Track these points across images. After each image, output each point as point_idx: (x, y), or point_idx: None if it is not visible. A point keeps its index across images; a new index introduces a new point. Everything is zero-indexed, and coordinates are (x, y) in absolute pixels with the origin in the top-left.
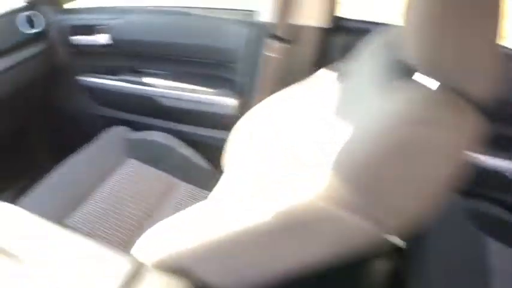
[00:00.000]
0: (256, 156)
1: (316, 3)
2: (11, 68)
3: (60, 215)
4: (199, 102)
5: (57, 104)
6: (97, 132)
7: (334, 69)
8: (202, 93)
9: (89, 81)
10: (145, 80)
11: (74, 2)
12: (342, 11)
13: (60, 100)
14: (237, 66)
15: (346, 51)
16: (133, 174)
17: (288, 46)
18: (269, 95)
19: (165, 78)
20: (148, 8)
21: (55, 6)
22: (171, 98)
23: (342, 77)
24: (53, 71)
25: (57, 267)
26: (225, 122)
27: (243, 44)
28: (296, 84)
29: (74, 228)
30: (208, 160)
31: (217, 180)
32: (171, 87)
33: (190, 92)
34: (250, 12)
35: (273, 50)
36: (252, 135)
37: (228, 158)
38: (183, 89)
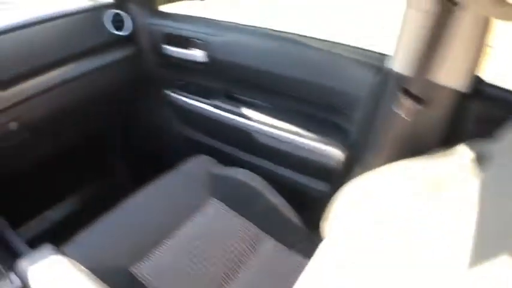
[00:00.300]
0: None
1: (461, 59)
2: (94, 71)
3: (126, 261)
4: (300, 147)
5: (138, 115)
6: (177, 152)
7: (472, 146)
8: (305, 138)
9: (177, 98)
10: (240, 109)
11: (169, 5)
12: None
13: (142, 112)
14: (352, 115)
15: (483, 123)
16: (215, 218)
17: (420, 107)
18: (386, 159)
19: (263, 111)
20: (254, 28)
21: (148, 7)
22: (268, 136)
23: (483, 158)
24: (138, 80)
25: None
26: (325, 173)
27: (365, 91)
28: (423, 156)
29: (142, 279)
30: (299, 211)
31: (308, 241)
32: (269, 123)
33: (292, 134)
34: (380, 55)
35: (401, 107)
36: (369, 211)
37: (333, 224)
38: (283, 129)
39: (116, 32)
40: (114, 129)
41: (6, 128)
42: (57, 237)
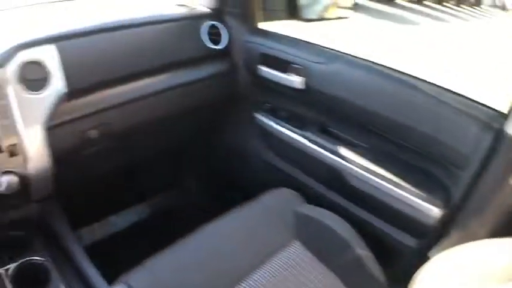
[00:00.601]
0: None
1: None
2: (184, 84)
3: None
4: (394, 196)
5: (222, 133)
6: (256, 179)
7: None
8: (401, 188)
9: (266, 122)
10: (334, 145)
11: (268, 23)
12: None
13: (226, 131)
14: (455, 171)
15: None
16: (295, 262)
17: None
18: (490, 231)
19: (358, 151)
20: (358, 59)
21: (246, 23)
22: (360, 179)
23: None
24: (227, 98)
25: None
26: (417, 230)
27: (472, 148)
28: None
29: None
30: (382, 263)
31: None
32: (362, 166)
33: (387, 182)
34: (492, 111)
35: None
36: None
37: None
38: (377, 174)
39: (211, 46)
40: (195, 145)
41: (86, 135)
42: (116, 243)
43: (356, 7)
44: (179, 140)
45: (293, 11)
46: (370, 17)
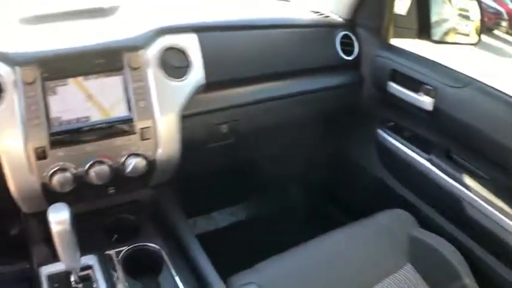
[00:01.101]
0: None
1: None
2: (314, 91)
3: None
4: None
5: (338, 144)
6: (368, 195)
7: None
8: None
9: (388, 140)
10: (457, 173)
11: (398, 39)
12: None
13: (343, 142)
14: None
15: None
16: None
17: None
18: None
19: (483, 182)
20: (498, 92)
21: (377, 37)
22: (480, 211)
23: None
24: (350, 110)
25: None
26: None
27: None
28: None
29: None
30: None
31: None
32: (485, 198)
33: (508, 218)
34: None
35: None
36: None
37: None
38: (500, 209)
39: (343, 56)
40: (308, 152)
41: (217, 129)
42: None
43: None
44: (293, 145)
45: (423, 31)
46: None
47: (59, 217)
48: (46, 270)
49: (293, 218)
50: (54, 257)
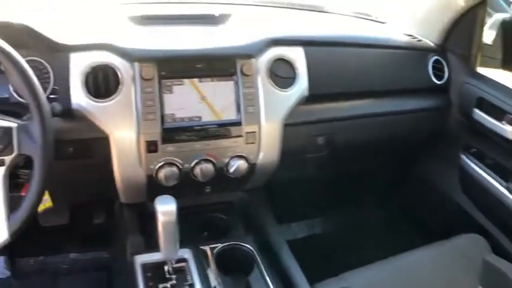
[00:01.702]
0: None
1: None
2: (401, 112)
3: None
4: None
5: (419, 166)
6: (442, 217)
7: None
8: None
9: (470, 166)
10: None
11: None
12: None
13: (424, 164)
14: None
15: None
16: None
17: None
18: None
19: None
20: None
21: (467, 64)
22: None
23: None
24: (435, 133)
25: None
26: None
27: None
28: None
29: None
30: None
31: None
32: None
33: None
34: None
35: None
36: None
37: None
38: None
39: (434, 80)
40: (389, 171)
41: (314, 141)
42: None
43: None
44: (378, 162)
45: (507, 61)
46: None
47: (166, 208)
48: (140, 259)
49: (369, 234)
50: (147, 247)
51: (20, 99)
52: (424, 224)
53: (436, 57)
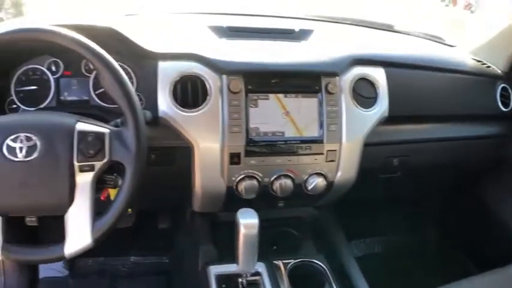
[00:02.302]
0: None
1: None
2: (467, 138)
3: None
4: None
5: (479, 192)
6: (499, 246)
7: None
8: None
9: None
10: None
11: None
12: None
13: (484, 191)
14: None
15: None
16: None
17: None
18: None
19: None
20: None
21: None
22: None
23: None
24: (498, 161)
25: None
26: None
27: None
28: None
29: None
30: None
31: None
32: None
33: None
34: None
35: None
36: None
37: None
38: None
39: (500, 107)
40: (451, 195)
41: (389, 162)
42: None
43: None
44: (439, 186)
45: None
46: None
47: (248, 221)
48: (215, 269)
49: (424, 257)
50: (219, 258)
51: (102, 103)
52: (481, 251)
53: (503, 85)
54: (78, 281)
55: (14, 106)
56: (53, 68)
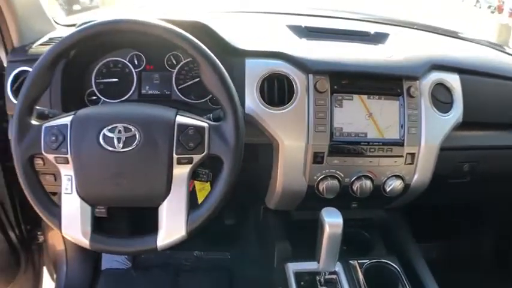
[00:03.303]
0: None
1: None
2: None
3: None
4: None
5: None
6: None
7: None
8: None
9: None
10: None
11: None
12: None
13: None
14: None
15: None
16: None
17: None
18: None
19: None
20: None
21: None
22: None
23: None
24: None
25: None
26: None
27: None
28: None
29: None
30: None
31: None
32: None
33: None
34: None
35: None
36: None
37: None
38: None
39: None
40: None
41: (459, 167)
42: None
43: None
44: (501, 195)
45: None
46: None
47: (334, 220)
48: (293, 267)
49: (488, 265)
50: (294, 255)
51: (184, 98)
52: None
53: None
54: (141, 273)
55: (94, 98)
56: (135, 62)
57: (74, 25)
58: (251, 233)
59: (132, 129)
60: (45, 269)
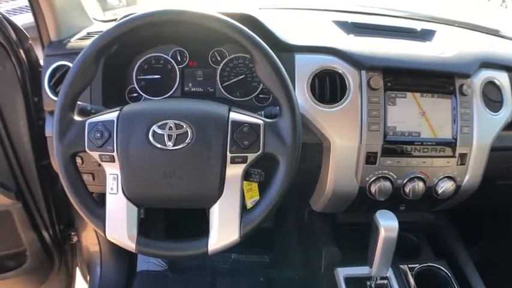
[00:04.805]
0: None
1: None
2: None
3: None
4: None
5: None
6: None
7: None
8: None
9: None
10: None
11: None
12: None
13: None
14: None
15: None
16: None
17: None
18: None
19: None
20: None
21: None
22: None
23: None
24: None
25: None
26: None
27: None
28: None
29: None
30: None
31: None
32: None
33: None
34: None
35: None
36: None
37: None
38: None
39: None
40: None
41: (506, 168)
42: None
43: None
44: None
45: None
46: None
47: (389, 223)
48: (343, 272)
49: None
50: (342, 259)
51: (229, 95)
52: None
53: None
54: (177, 275)
55: (135, 95)
56: (178, 58)
57: (112, 20)
58: (291, 236)
59: (184, 126)
60: (78, 270)
